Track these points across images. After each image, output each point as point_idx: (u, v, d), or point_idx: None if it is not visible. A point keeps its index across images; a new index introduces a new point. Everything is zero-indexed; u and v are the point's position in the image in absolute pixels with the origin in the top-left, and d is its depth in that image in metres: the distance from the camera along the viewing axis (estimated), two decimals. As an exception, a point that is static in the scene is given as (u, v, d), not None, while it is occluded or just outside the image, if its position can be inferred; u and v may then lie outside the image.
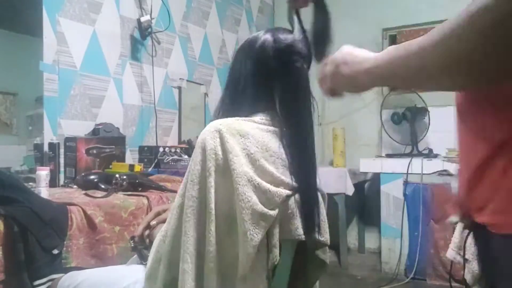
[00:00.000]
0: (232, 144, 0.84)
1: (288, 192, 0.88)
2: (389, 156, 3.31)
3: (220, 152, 0.84)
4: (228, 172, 0.83)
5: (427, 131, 3.26)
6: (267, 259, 0.87)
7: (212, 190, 0.82)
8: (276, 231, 0.87)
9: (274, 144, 0.91)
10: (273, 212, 0.85)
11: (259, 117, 0.94)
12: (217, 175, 0.83)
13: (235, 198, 0.82)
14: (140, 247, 1.12)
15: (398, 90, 0.74)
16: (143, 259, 1.10)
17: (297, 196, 0.92)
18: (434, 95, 3.02)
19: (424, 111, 3.22)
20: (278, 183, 0.88)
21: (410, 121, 3.25)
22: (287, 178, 0.90)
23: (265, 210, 0.83)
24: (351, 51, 0.75)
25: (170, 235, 0.88)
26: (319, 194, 1.01)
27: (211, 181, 0.83)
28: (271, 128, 0.93)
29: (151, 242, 1.06)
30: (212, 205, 0.82)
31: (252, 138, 0.87)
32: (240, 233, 0.82)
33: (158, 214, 1.16)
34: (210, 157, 0.83)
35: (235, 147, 0.84)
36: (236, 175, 0.82)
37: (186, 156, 2.37)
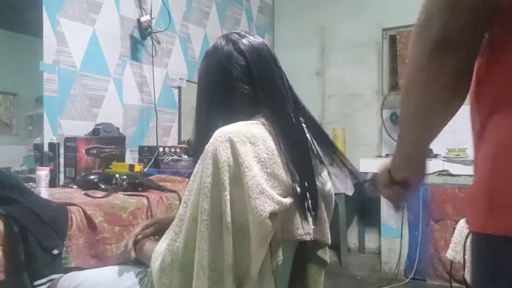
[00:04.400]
0: (243, 154, 0.82)
1: (292, 200, 0.88)
2: (389, 156, 3.31)
3: (232, 164, 0.82)
4: (241, 184, 0.82)
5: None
6: (271, 260, 0.87)
7: (228, 204, 0.81)
8: (278, 231, 0.87)
9: (276, 147, 0.90)
10: (277, 220, 0.84)
11: (261, 120, 0.93)
12: (231, 187, 0.82)
13: (248, 211, 0.81)
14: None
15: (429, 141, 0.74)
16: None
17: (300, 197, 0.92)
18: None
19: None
20: (287, 189, 0.87)
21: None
22: (292, 182, 0.89)
23: (273, 221, 0.82)
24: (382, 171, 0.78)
25: (182, 249, 0.86)
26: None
27: (227, 194, 0.81)
28: (272, 130, 0.93)
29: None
30: (229, 219, 0.81)
31: (262, 145, 0.86)
32: (254, 243, 0.82)
33: (146, 227, 1.14)
34: (224, 169, 0.82)
35: (247, 157, 0.82)
36: (248, 188, 0.81)
37: (186, 156, 2.36)
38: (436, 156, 3.11)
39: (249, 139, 0.85)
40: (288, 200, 0.86)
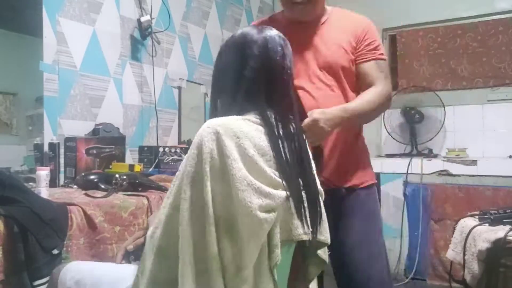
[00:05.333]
0: (230, 147, 0.83)
1: (286, 193, 0.88)
2: (389, 156, 3.31)
3: (217, 156, 0.83)
4: (226, 177, 0.82)
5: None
6: (269, 259, 0.86)
7: (209, 194, 0.81)
8: (277, 231, 0.87)
9: (267, 145, 0.90)
10: (273, 216, 0.84)
11: (254, 117, 0.94)
12: (213, 179, 0.82)
13: (235, 204, 0.81)
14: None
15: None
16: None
17: (297, 196, 0.92)
18: (433, 97, 3.03)
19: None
20: (276, 185, 0.87)
21: (409, 122, 3.25)
22: (282, 180, 0.89)
23: (265, 215, 0.82)
24: (321, 114, 1.22)
25: (160, 234, 0.87)
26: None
27: (208, 185, 0.82)
28: (264, 128, 0.93)
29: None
30: (211, 209, 0.81)
31: (250, 141, 0.86)
32: (244, 237, 0.82)
33: (137, 238, 1.13)
34: (206, 160, 0.82)
35: (233, 151, 0.83)
36: (235, 180, 0.81)
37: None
38: (436, 156, 3.11)
39: (236, 134, 0.85)
40: (279, 193, 0.86)
